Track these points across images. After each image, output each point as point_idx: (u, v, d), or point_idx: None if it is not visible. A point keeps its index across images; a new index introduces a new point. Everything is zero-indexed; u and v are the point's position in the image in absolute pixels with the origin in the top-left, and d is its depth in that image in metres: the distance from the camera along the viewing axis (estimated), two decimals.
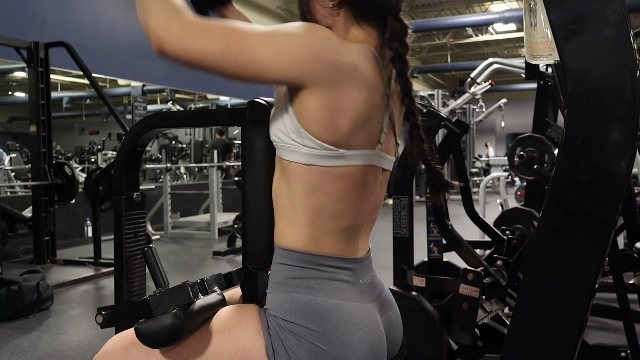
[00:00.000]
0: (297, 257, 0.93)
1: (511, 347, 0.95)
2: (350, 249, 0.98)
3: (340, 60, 0.89)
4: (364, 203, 0.98)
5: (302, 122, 0.90)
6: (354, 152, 0.92)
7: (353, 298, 0.94)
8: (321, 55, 0.88)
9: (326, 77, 0.88)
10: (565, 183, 0.88)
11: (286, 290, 0.93)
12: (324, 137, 0.90)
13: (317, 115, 0.89)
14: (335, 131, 0.90)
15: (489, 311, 2.24)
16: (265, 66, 0.87)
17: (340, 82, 0.89)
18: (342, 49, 0.91)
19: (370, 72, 0.93)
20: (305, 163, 0.91)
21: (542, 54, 2.08)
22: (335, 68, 0.88)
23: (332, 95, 0.88)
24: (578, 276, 0.88)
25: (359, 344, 0.91)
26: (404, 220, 2.26)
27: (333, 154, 0.91)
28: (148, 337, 0.91)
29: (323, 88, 0.88)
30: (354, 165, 0.93)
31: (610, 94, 0.84)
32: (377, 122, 0.95)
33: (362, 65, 0.92)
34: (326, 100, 0.88)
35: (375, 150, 0.95)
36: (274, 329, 0.92)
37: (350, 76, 0.89)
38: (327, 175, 0.92)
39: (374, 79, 0.94)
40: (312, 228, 0.93)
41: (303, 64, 0.87)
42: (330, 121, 0.89)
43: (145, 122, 1.16)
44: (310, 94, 0.89)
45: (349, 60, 0.90)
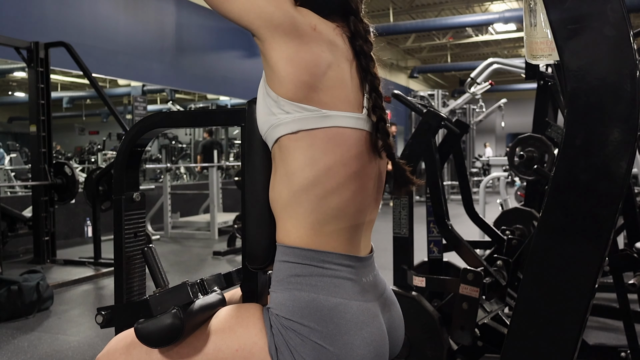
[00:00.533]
0: (299, 254, 0.93)
1: (511, 347, 0.95)
2: (353, 247, 0.97)
3: (298, 18, 0.92)
4: (364, 192, 0.97)
5: (273, 88, 0.92)
6: (337, 112, 0.93)
7: (355, 297, 0.94)
8: (280, 7, 0.91)
9: (285, 29, 0.91)
10: (565, 183, 0.88)
11: (289, 288, 0.93)
12: (297, 95, 0.91)
13: (283, 73, 0.91)
14: (304, 87, 0.91)
15: (489, 311, 2.24)
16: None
17: (299, 36, 0.91)
18: (300, 10, 0.95)
19: (331, 35, 0.96)
20: (291, 131, 0.92)
21: (542, 54, 2.07)
22: (293, 22, 0.91)
23: (292, 49, 0.91)
24: (578, 276, 0.88)
25: (361, 344, 0.92)
26: (404, 220, 2.26)
27: (315, 114, 0.91)
28: (148, 337, 0.91)
29: (282, 40, 0.91)
30: (342, 126, 0.93)
31: (610, 94, 0.84)
32: (353, 86, 0.97)
33: (321, 27, 0.95)
34: (287, 54, 0.91)
35: (362, 115, 0.96)
36: (277, 328, 0.92)
37: (309, 33, 0.92)
38: (318, 141, 0.92)
39: (337, 42, 0.97)
40: (314, 217, 0.93)
41: (263, 8, 0.90)
42: (296, 76, 0.91)
43: (145, 122, 1.16)
44: (271, 49, 0.91)
45: (307, 20, 0.94)
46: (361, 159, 0.96)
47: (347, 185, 0.94)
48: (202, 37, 9.80)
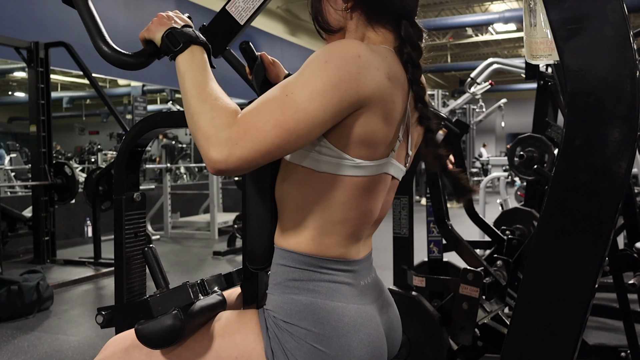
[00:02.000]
0: (298, 259, 0.93)
1: (511, 347, 0.95)
2: (353, 251, 0.97)
3: (376, 74, 0.86)
4: (372, 210, 0.97)
5: (328, 136, 0.88)
6: (370, 162, 0.90)
7: (353, 300, 0.94)
8: (361, 79, 0.84)
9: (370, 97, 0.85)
10: (565, 183, 0.88)
11: (287, 292, 0.93)
12: (344, 148, 0.88)
13: (350, 131, 0.87)
14: (361, 144, 0.88)
15: (489, 311, 2.24)
16: (323, 119, 0.83)
17: (380, 96, 0.86)
18: (374, 59, 0.87)
19: (399, 75, 0.91)
20: (318, 170, 0.90)
21: (542, 54, 2.07)
22: (375, 85, 0.85)
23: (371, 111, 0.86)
24: (578, 276, 0.88)
25: (359, 346, 0.91)
26: (404, 220, 2.26)
27: (349, 163, 0.89)
28: (148, 338, 0.91)
29: (367, 107, 0.86)
30: (368, 175, 0.91)
31: (610, 94, 0.84)
32: (397, 129, 0.93)
33: (392, 70, 0.89)
34: (365, 117, 0.86)
35: (388, 158, 0.94)
36: (273, 330, 0.92)
37: (387, 86, 0.87)
38: (340, 184, 0.90)
39: (402, 82, 0.92)
40: (318, 232, 0.92)
41: (350, 96, 0.83)
42: (360, 135, 0.87)
43: (145, 122, 1.16)
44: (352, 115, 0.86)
45: (382, 70, 0.87)
46: (376, 194, 0.95)
47: (356, 215, 0.94)
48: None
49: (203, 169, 10.88)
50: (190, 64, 0.89)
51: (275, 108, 0.81)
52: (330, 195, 0.90)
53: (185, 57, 0.90)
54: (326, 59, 0.84)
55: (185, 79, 0.87)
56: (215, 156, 0.80)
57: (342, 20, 0.98)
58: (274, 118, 0.80)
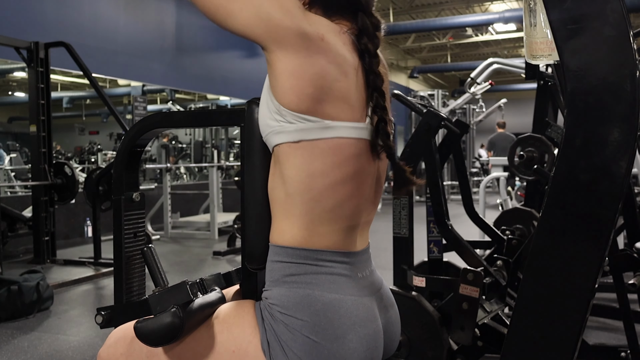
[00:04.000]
0: (293, 253, 0.93)
1: (511, 347, 0.95)
2: (348, 243, 0.97)
3: (306, 28, 0.90)
4: (361, 192, 0.97)
5: (277, 97, 0.91)
6: (339, 123, 0.92)
7: (351, 292, 0.95)
8: (287, 18, 0.89)
9: (291, 41, 0.89)
10: (565, 183, 0.88)
11: (285, 286, 0.93)
12: (300, 107, 0.90)
13: (288, 85, 0.90)
14: (308, 99, 0.90)
15: (489, 311, 2.24)
16: (233, 14, 0.89)
17: (306, 48, 0.89)
18: (309, 17, 0.93)
19: (339, 45, 0.94)
20: (293, 140, 0.91)
21: (542, 54, 2.08)
22: (300, 33, 0.89)
23: (298, 61, 0.89)
24: (578, 276, 0.88)
25: (354, 338, 0.92)
26: (404, 220, 2.26)
27: (318, 125, 0.90)
28: (147, 336, 0.91)
29: (287, 52, 0.89)
30: (344, 137, 0.92)
31: (610, 94, 0.84)
32: (358, 93, 0.95)
33: (329, 36, 0.93)
34: (292, 66, 0.89)
35: (365, 124, 0.95)
36: (269, 322, 0.92)
37: (317, 44, 0.90)
38: (318, 150, 0.91)
39: (344, 52, 0.95)
40: (309, 218, 0.93)
41: (269, 21, 0.88)
42: (300, 89, 0.89)
43: (145, 122, 1.16)
44: (277, 60, 0.90)
45: (315, 29, 0.91)
46: (358, 162, 0.95)
47: (342, 188, 0.94)
48: (202, 37, 9.80)
49: (203, 169, 10.88)
50: None
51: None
52: (313, 166, 0.91)
53: None
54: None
55: None
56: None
57: None
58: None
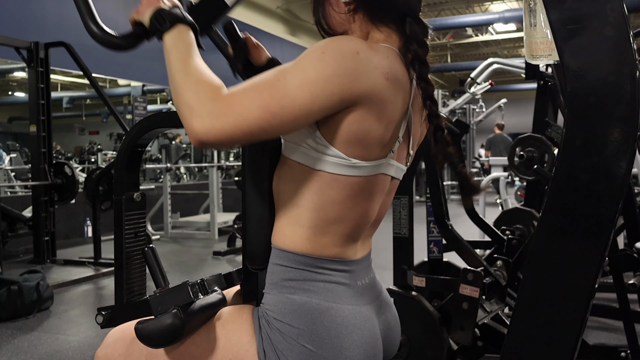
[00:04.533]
0: (294, 258, 0.93)
1: (511, 347, 0.95)
2: (350, 251, 0.97)
3: (374, 73, 0.85)
4: (369, 210, 0.96)
5: (322, 130, 0.88)
6: (366, 163, 0.90)
7: (348, 301, 0.94)
8: (357, 75, 0.84)
9: (364, 95, 0.85)
10: (565, 183, 0.88)
11: (282, 292, 0.93)
12: (339, 146, 0.88)
13: (345, 129, 0.86)
14: (356, 143, 0.87)
15: (489, 311, 2.24)
16: (310, 109, 0.83)
17: (377, 96, 0.86)
18: (373, 57, 0.87)
19: (399, 76, 0.91)
20: (313, 167, 0.90)
21: (542, 54, 2.08)
22: (371, 84, 0.85)
23: (366, 110, 0.86)
24: (578, 276, 0.88)
25: (351, 347, 0.91)
26: (404, 220, 2.26)
27: (345, 163, 0.89)
28: (148, 337, 0.91)
29: (361, 105, 0.86)
30: (365, 175, 0.91)
31: (610, 94, 0.84)
32: (397, 130, 0.93)
33: (392, 70, 0.89)
34: (359, 115, 0.86)
35: (386, 159, 0.93)
36: (265, 331, 0.91)
37: (384, 86, 0.86)
38: (335, 183, 0.90)
39: (402, 83, 0.91)
40: (314, 230, 0.92)
41: (342, 90, 0.83)
42: (356, 134, 0.87)
43: (145, 122, 1.16)
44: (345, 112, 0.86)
45: (381, 70, 0.87)
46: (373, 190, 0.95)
47: (353, 214, 0.93)
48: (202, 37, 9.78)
49: (203, 169, 10.88)
50: (176, 42, 0.89)
51: (264, 90, 0.81)
52: (326, 194, 0.90)
53: (171, 35, 0.90)
54: (324, 50, 0.84)
55: (171, 56, 0.88)
56: (197, 127, 0.80)
57: (345, 23, 0.98)
58: (260, 99, 0.81)
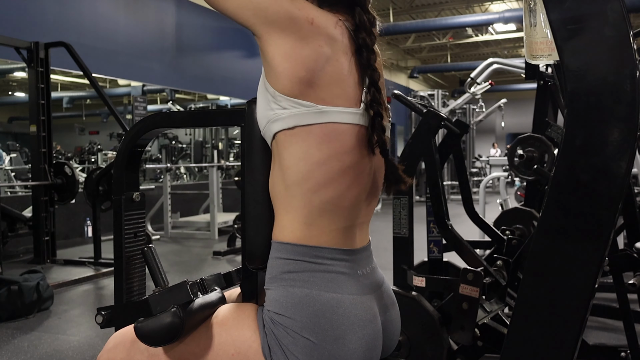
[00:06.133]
0: (292, 250, 0.93)
1: (511, 347, 0.95)
2: (348, 240, 0.97)
3: (295, 12, 0.91)
4: (359, 186, 0.97)
5: (271, 83, 0.92)
6: (333, 108, 0.92)
7: (349, 290, 0.94)
8: (275, 2, 0.90)
9: (281, 25, 0.90)
10: (565, 183, 0.88)
11: (283, 285, 0.93)
12: (293, 91, 0.91)
13: (280, 69, 0.91)
14: (301, 83, 0.91)
15: (489, 311, 2.24)
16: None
17: (296, 31, 0.91)
18: (297, 3, 0.93)
19: (330, 28, 0.95)
20: (288, 127, 0.92)
21: (542, 54, 2.08)
22: (289, 17, 0.91)
23: (289, 44, 0.90)
24: (578, 276, 0.88)
25: (353, 338, 0.92)
26: (404, 220, 2.26)
27: (311, 110, 0.91)
28: (147, 336, 0.91)
29: (278, 36, 0.90)
30: (338, 122, 0.93)
31: (610, 94, 0.84)
32: (352, 81, 0.96)
33: (319, 20, 0.94)
34: (283, 50, 0.90)
35: (359, 110, 0.95)
36: (269, 327, 0.92)
37: (306, 28, 0.92)
38: (313, 136, 0.91)
39: (336, 35, 0.95)
40: (308, 210, 0.93)
41: (258, 5, 0.90)
42: (292, 72, 0.90)
43: (145, 122, 1.16)
44: (268, 45, 0.91)
45: (305, 13, 0.92)
46: (355, 154, 0.95)
47: (340, 179, 0.94)
48: (202, 37, 9.80)
49: (203, 169, 10.88)
50: None
51: None
52: (309, 154, 0.92)
53: None
54: None
55: None
56: None
57: None
58: None
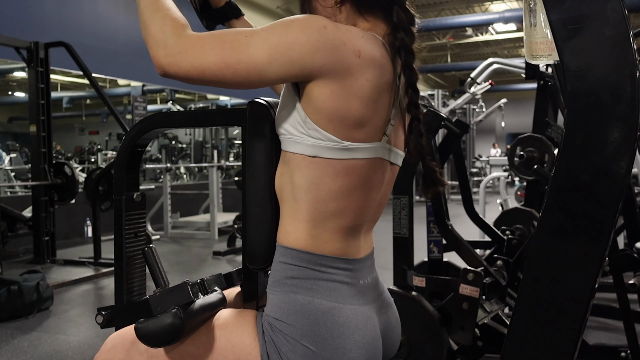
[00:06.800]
0: (297, 256, 0.93)
1: (511, 347, 0.95)
2: (352, 249, 0.97)
3: (341, 48, 0.87)
4: (367, 201, 0.96)
5: (308, 112, 0.89)
6: (359, 145, 0.91)
7: (350, 300, 0.94)
8: (320, 46, 0.86)
9: (329, 67, 0.86)
10: (565, 183, 0.88)
11: (285, 290, 0.93)
12: (328, 127, 0.89)
13: (323, 106, 0.88)
14: (341, 121, 0.88)
15: (489, 311, 2.24)
16: (265, 70, 0.86)
17: (345, 70, 0.87)
18: (341, 34, 0.88)
19: (375, 56, 0.91)
20: (309, 155, 0.90)
21: (542, 54, 2.07)
22: (336, 57, 0.86)
23: (337, 84, 0.87)
24: (578, 276, 0.88)
25: (353, 347, 0.91)
26: (404, 220, 2.26)
27: (338, 146, 0.89)
28: (148, 336, 0.91)
29: (327, 79, 0.87)
30: (360, 158, 0.91)
31: (610, 94, 0.84)
32: (384, 111, 0.93)
33: (365, 48, 0.90)
34: (331, 90, 0.87)
35: (381, 143, 0.94)
36: (269, 334, 0.91)
37: (354, 62, 0.87)
38: (331, 169, 0.91)
39: (381, 63, 0.92)
40: (313, 224, 0.93)
41: (302, 59, 0.85)
42: (335, 113, 0.88)
43: (145, 122, 1.16)
44: (315, 86, 0.88)
45: (351, 46, 0.88)
46: (369, 177, 0.95)
47: (350, 197, 0.93)
48: None
49: (203, 169, 10.88)
50: None
51: (228, 42, 0.86)
52: (323, 182, 0.91)
53: None
54: (293, 20, 0.88)
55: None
56: (160, 57, 0.87)
57: (331, 16, 0.99)
58: (221, 48, 0.86)
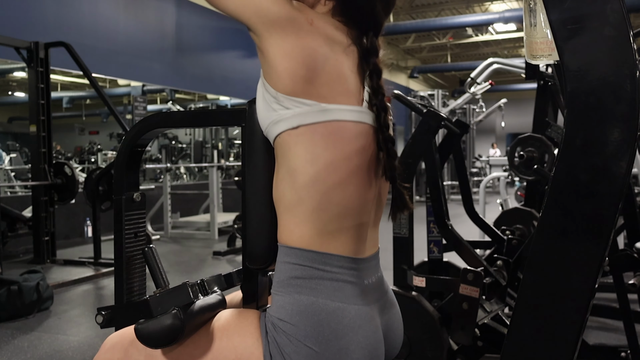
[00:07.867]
0: (301, 255, 0.92)
1: (511, 347, 0.95)
2: (357, 247, 0.96)
3: (295, 13, 0.92)
4: (368, 181, 0.96)
5: (272, 83, 0.92)
6: (335, 106, 0.92)
7: (355, 300, 0.94)
8: (278, 2, 0.91)
9: (281, 24, 0.90)
10: (565, 183, 0.88)
11: (290, 291, 0.92)
12: (295, 90, 0.90)
13: (280, 68, 0.90)
14: (302, 81, 0.90)
15: (489, 311, 2.24)
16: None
17: (296, 31, 0.91)
18: (303, 8, 0.95)
19: (330, 30, 0.96)
20: (292, 126, 0.91)
21: (542, 54, 2.07)
22: (289, 17, 0.91)
23: (289, 43, 0.90)
24: (578, 276, 0.88)
25: (356, 348, 0.91)
26: (404, 220, 2.26)
27: (314, 108, 0.91)
28: (148, 337, 0.91)
29: (278, 36, 0.90)
30: (342, 120, 0.92)
31: (610, 94, 0.84)
32: (353, 79, 0.96)
33: (319, 22, 0.95)
34: (283, 49, 0.90)
35: (362, 108, 0.95)
36: (272, 334, 0.91)
37: (306, 28, 0.92)
38: (318, 136, 0.91)
39: (336, 37, 0.96)
40: (317, 215, 0.92)
41: (259, 5, 0.91)
42: (293, 71, 0.90)
43: (145, 122, 1.16)
44: (268, 45, 0.91)
45: (305, 15, 0.93)
46: (363, 153, 0.95)
47: (350, 180, 0.93)
48: (202, 37, 9.80)
49: (203, 169, 10.88)
50: None
51: None
52: (316, 155, 0.91)
53: None
54: None
55: None
56: None
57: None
58: None
